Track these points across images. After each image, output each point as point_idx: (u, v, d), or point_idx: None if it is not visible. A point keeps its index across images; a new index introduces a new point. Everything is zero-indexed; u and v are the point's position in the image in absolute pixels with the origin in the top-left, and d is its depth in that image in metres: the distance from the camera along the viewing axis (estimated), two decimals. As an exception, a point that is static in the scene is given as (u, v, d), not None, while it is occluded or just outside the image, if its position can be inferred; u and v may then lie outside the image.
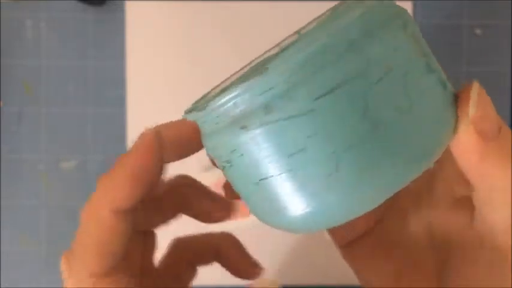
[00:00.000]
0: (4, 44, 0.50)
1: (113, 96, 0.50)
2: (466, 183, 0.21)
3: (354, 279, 0.49)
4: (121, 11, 0.50)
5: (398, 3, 0.19)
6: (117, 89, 0.50)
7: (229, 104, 0.18)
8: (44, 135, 0.50)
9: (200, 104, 0.19)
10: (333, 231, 0.25)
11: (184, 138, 0.22)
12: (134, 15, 0.50)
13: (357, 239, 0.25)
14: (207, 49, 0.50)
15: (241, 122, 0.18)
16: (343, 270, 0.49)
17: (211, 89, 0.23)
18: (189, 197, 0.26)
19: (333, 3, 0.22)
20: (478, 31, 0.50)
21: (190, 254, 0.27)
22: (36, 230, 0.50)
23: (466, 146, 0.19)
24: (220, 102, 0.18)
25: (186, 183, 0.26)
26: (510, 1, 0.50)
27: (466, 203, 0.22)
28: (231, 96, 0.18)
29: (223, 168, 0.20)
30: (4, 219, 0.50)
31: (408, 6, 0.50)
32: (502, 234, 0.20)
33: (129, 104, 0.50)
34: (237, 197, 0.21)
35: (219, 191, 0.25)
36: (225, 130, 0.18)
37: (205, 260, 0.27)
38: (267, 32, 0.50)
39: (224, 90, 0.18)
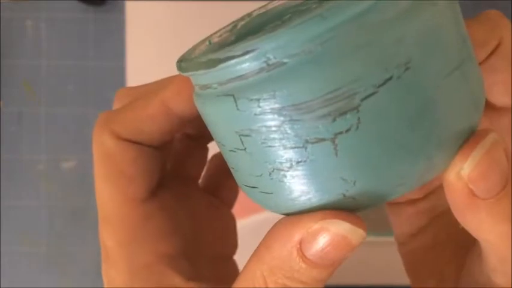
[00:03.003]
0: (4, 44, 0.50)
1: (113, 96, 0.50)
2: None
3: (355, 279, 0.49)
4: (121, 11, 0.50)
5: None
6: (117, 89, 0.50)
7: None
8: (44, 135, 0.50)
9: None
10: None
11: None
12: (134, 15, 0.50)
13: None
14: (207, 49, 0.50)
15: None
16: (345, 270, 0.49)
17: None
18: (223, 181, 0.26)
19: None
20: (478, 31, 0.50)
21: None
22: (36, 230, 0.50)
23: (455, 195, 0.16)
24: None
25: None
26: (510, 1, 0.50)
27: None
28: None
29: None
30: (4, 219, 0.50)
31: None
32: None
33: (129, 104, 0.50)
34: None
35: None
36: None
37: None
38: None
39: None
